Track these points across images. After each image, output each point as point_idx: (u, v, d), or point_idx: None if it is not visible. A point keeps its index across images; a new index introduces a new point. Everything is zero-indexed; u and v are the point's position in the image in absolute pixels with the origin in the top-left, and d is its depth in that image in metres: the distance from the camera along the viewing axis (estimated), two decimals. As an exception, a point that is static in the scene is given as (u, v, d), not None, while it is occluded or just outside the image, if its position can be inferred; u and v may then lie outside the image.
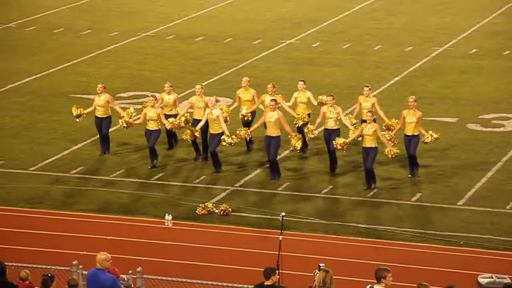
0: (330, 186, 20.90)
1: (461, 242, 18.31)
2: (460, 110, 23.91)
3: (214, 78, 27.72)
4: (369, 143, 20.29)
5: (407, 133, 20.84)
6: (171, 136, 22.62)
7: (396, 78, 27.72)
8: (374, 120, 20.54)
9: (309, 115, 21.81)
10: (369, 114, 20.48)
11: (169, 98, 22.29)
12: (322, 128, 21.69)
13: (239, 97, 22.54)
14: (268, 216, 19.42)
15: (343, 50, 30.87)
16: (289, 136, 20.97)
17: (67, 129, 24.12)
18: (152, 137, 21.70)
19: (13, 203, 20.21)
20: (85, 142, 23.42)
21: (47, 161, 22.37)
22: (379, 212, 19.67)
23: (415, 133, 20.79)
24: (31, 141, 23.61)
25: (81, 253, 17.38)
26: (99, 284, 13.35)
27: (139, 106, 23.57)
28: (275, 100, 21.25)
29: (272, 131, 21.01)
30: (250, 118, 22.27)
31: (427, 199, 20.24)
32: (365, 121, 20.77)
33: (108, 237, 18.56)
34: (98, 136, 22.71)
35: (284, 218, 15.81)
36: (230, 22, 34.40)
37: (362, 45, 31.35)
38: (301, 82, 22.15)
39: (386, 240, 18.49)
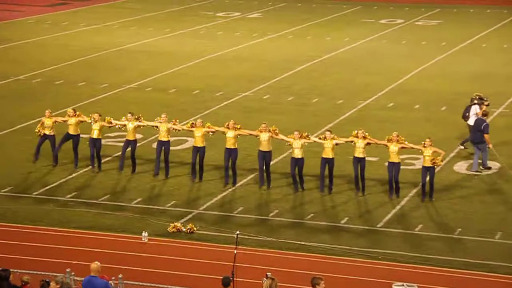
0: (276, 210, 20.90)
1: (379, 257, 18.36)
2: (380, 151, 24.02)
3: (184, 122, 27.62)
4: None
5: (390, 160, 21.52)
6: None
7: (330, 125, 27.83)
8: None
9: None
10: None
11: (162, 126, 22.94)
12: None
13: (194, 134, 22.68)
14: (226, 234, 19.35)
15: (287, 102, 31.01)
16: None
17: (63, 160, 23.97)
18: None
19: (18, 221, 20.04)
20: (82, 171, 23.27)
21: (46, 188, 22.20)
22: (314, 232, 19.67)
23: (397, 161, 21.42)
24: (34, 170, 23.41)
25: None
26: (95, 288, 13.18)
27: (120, 144, 23.50)
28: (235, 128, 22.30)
29: (231, 144, 22.18)
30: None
31: (353, 222, 20.30)
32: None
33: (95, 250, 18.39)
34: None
35: (239, 235, 15.78)
36: (198, 78, 34.44)
37: (302, 98, 31.50)
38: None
39: (320, 254, 18.49)
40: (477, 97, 25.46)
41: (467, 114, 25.28)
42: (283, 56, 38.44)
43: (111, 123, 23.35)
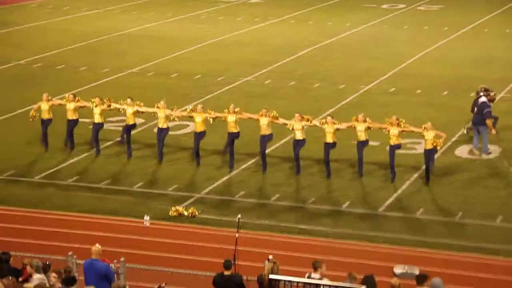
0: (278, 195, 20.90)
1: (381, 241, 18.38)
2: (381, 136, 24.02)
3: (186, 107, 27.56)
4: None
5: (391, 143, 21.73)
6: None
7: (331, 110, 27.80)
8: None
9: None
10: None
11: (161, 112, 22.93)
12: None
13: (194, 119, 22.71)
14: (227, 218, 19.36)
15: (289, 87, 30.96)
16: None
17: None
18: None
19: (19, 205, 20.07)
20: (83, 155, 23.28)
21: (48, 172, 22.21)
22: (316, 216, 19.69)
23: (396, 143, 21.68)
24: (35, 155, 23.40)
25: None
26: (96, 271, 13.19)
27: (120, 128, 23.47)
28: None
29: (232, 128, 22.22)
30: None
31: (354, 206, 20.31)
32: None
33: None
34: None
35: (240, 219, 15.79)
36: (200, 63, 34.38)
37: (304, 83, 31.46)
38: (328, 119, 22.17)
39: (321, 238, 18.50)
40: (482, 89, 25.37)
41: (476, 108, 25.20)
42: (284, 41, 38.36)
43: (110, 106, 23.39)
